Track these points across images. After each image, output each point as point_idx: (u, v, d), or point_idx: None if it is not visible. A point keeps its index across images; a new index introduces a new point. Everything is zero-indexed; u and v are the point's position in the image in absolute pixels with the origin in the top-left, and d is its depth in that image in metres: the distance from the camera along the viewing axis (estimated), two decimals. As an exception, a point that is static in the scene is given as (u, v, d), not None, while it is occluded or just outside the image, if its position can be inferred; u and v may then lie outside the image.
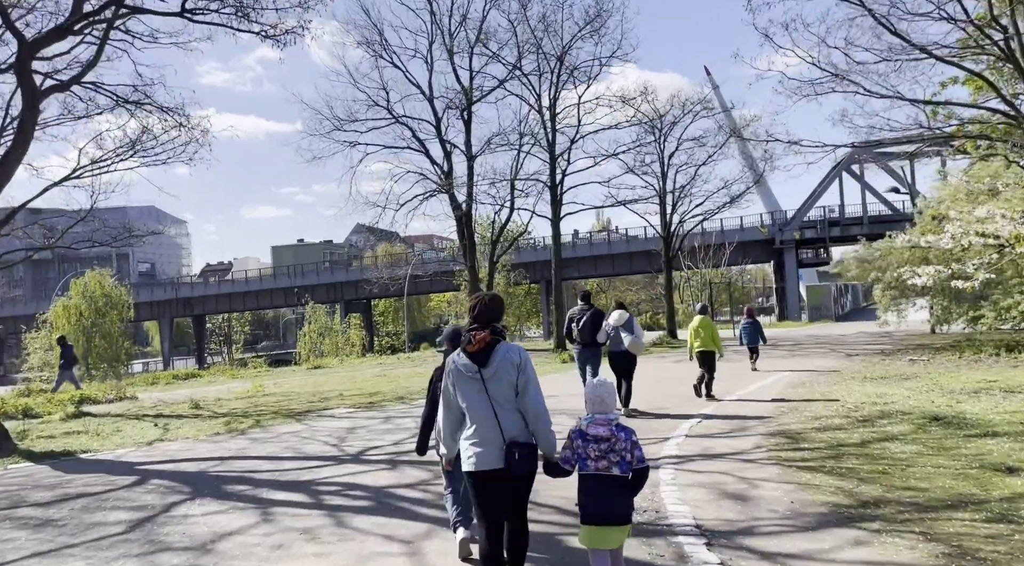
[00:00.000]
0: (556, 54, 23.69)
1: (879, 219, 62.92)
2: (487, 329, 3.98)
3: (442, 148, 28.07)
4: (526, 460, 3.82)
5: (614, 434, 3.82)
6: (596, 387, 4.01)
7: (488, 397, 3.88)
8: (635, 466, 3.82)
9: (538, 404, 3.90)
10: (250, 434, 11.07)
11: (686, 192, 27.14)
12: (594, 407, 3.93)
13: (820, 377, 13.94)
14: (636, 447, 3.85)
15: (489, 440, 3.86)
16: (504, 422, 3.85)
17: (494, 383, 3.87)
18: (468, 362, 3.94)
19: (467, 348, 3.96)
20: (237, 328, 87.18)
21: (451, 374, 4.03)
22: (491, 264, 29.65)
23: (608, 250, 65.41)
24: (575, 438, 3.88)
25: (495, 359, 3.90)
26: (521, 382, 3.90)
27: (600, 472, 3.81)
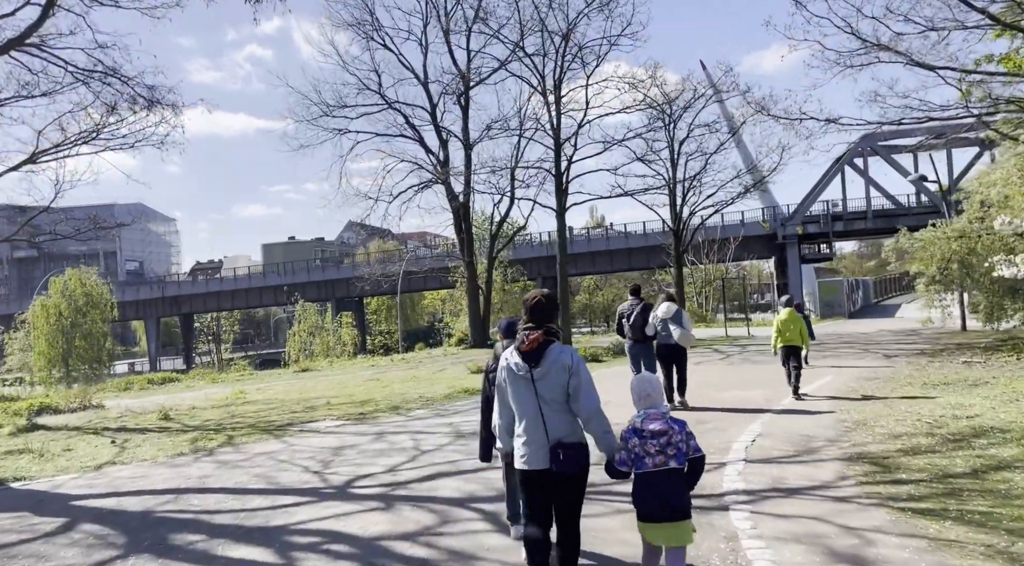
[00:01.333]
0: (561, 32, 22.05)
1: (883, 213, 61.60)
2: (541, 329, 3.95)
3: (438, 135, 26.43)
4: (572, 461, 3.80)
5: (670, 427, 3.84)
6: (640, 382, 4.04)
7: (536, 397, 3.88)
8: (691, 455, 3.84)
9: (593, 407, 3.87)
10: (219, 455, 9.41)
11: (697, 182, 25.53)
12: (643, 402, 3.96)
13: (869, 383, 12.35)
14: (691, 437, 3.88)
15: (536, 440, 3.86)
16: (550, 422, 3.84)
17: (544, 383, 3.87)
18: (520, 361, 3.94)
19: (520, 347, 3.94)
20: (226, 327, 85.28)
21: (504, 371, 4.05)
22: (490, 259, 27.99)
23: (607, 246, 63.87)
24: (629, 437, 3.86)
25: (547, 360, 3.88)
26: (573, 385, 3.86)
27: (658, 468, 3.80)
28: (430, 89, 26.17)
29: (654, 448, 3.80)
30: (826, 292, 36.12)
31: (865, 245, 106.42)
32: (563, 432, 3.84)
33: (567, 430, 3.85)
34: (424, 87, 26.17)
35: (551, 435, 3.82)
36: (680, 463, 3.81)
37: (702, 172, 25.18)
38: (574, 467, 3.82)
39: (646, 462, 3.81)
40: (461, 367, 20.36)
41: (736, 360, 17.14)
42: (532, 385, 3.89)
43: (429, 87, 26.14)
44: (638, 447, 3.83)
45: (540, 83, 22.71)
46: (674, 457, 3.79)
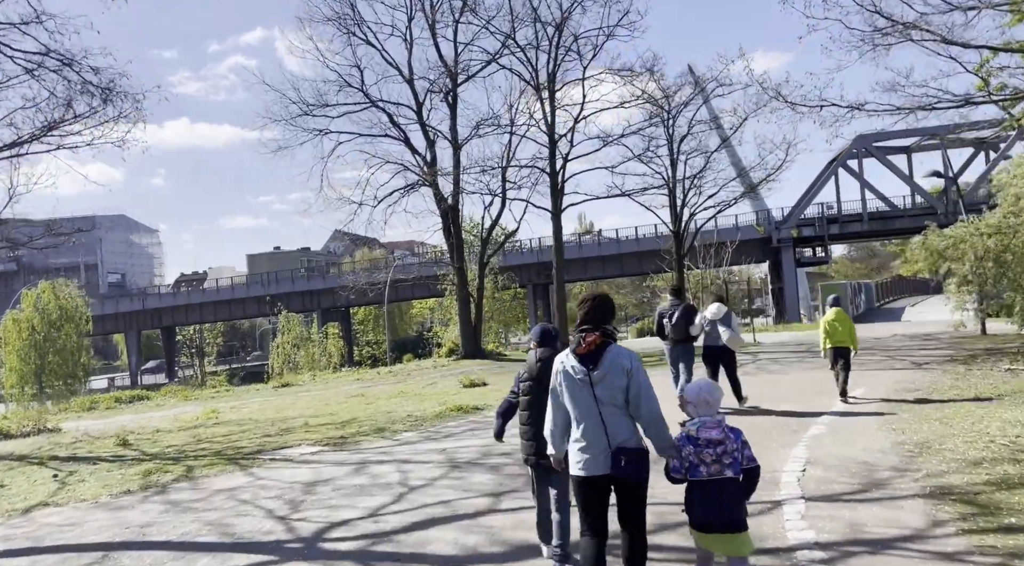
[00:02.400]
0: (555, 22, 20.83)
1: (878, 215, 60.98)
2: (598, 331, 3.86)
3: (424, 135, 25.09)
4: (634, 467, 3.71)
5: (726, 435, 3.74)
6: (701, 389, 3.94)
7: (595, 401, 3.79)
8: (746, 465, 3.75)
9: (653, 412, 3.78)
10: (172, 492, 8.02)
11: (697, 181, 24.34)
12: (701, 409, 3.87)
13: (911, 396, 11.08)
14: (746, 446, 3.78)
15: (595, 445, 3.77)
16: (611, 427, 3.76)
17: (603, 387, 3.78)
18: (577, 364, 3.85)
19: (577, 350, 3.85)
20: (209, 340, 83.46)
21: (559, 374, 3.94)
22: (481, 265, 26.62)
23: (598, 252, 62.84)
24: (684, 445, 3.77)
25: (605, 362, 3.80)
26: (633, 388, 3.77)
27: (713, 477, 3.71)
28: (415, 86, 24.88)
29: (709, 457, 3.72)
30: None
31: (855, 248, 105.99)
32: (624, 437, 3.75)
33: (628, 435, 3.77)
34: (409, 84, 24.87)
35: (612, 440, 3.73)
36: (736, 472, 3.73)
37: (703, 170, 24.01)
38: (636, 473, 3.73)
39: (700, 471, 3.74)
40: (452, 380, 19.00)
41: (751, 369, 15.88)
42: (590, 388, 3.79)
43: (414, 84, 24.83)
44: (692, 455, 3.75)
45: (533, 77, 21.46)
46: (730, 467, 3.71)
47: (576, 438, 3.85)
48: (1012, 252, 13.61)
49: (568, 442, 3.94)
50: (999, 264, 13.82)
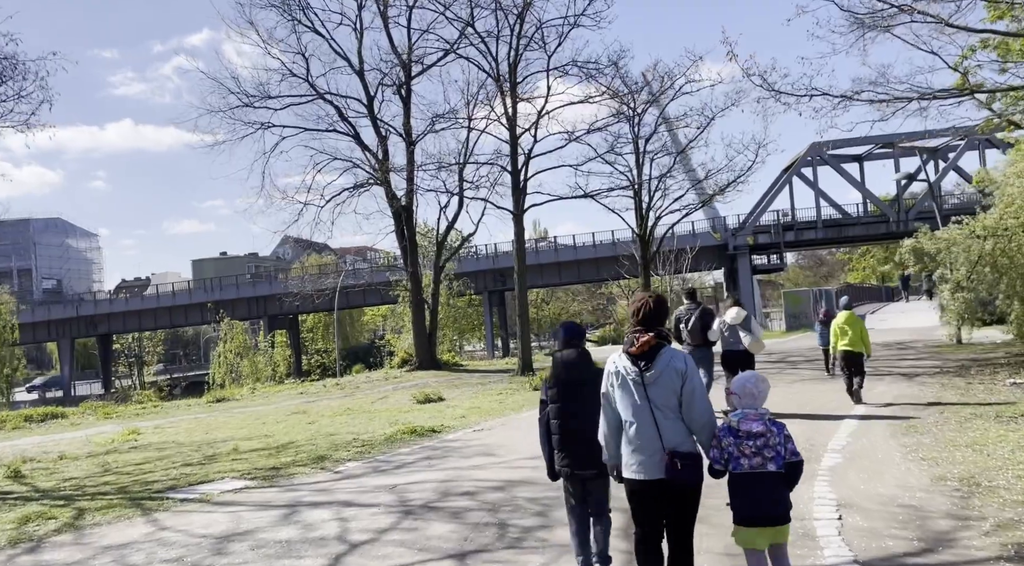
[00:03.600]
0: (516, 10, 19.52)
1: (832, 223, 61.35)
2: (652, 332, 3.76)
3: (376, 131, 23.45)
4: (689, 471, 3.61)
5: (768, 428, 3.68)
6: (747, 380, 3.85)
7: (649, 403, 3.70)
8: (789, 459, 3.69)
9: (707, 416, 3.73)
10: (46, 550, 6.34)
11: (663, 183, 23.24)
12: (746, 401, 3.78)
13: (917, 412, 9.97)
14: (789, 440, 3.73)
15: (649, 448, 3.69)
16: (665, 430, 3.67)
17: (656, 388, 3.70)
18: (630, 365, 3.78)
19: (629, 350, 3.77)
20: (149, 348, 79.91)
21: (611, 376, 3.86)
22: (436, 270, 25.04)
23: (555, 258, 61.75)
24: (724, 436, 3.71)
25: (659, 363, 3.71)
26: (687, 391, 3.67)
27: (755, 470, 3.63)
28: (366, 78, 23.24)
29: (750, 449, 3.65)
30: (792, 303, 34.40)
31: (804, 256, 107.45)
32: (678, 440, 3.67)
33: (682, 438, 3.69)
34: (359, 76, 23.21)
35: (666, 443, 3.65)
36: (778, 466, 3.65)
37: (670, 171, 22.89)
38: (691, 478, 3.62)
39: (741, 463, 3.66)
40: (405, 395, 17.42)
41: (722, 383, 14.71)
42: (643, 390, 3.72)
43: (365, 76, 23.19)
44: (732, 447, 3.68)
45: (493, 68, 20.04)
46: (772, 460, 3.64)
47: (628, 441, 3.77)
48: (1008, 256, 12.77)
49: (622, 446, 3.84)
50: (996, 269, 12.95)
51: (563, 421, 4.42)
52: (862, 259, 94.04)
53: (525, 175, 20.12)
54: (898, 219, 59.32)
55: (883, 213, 59.95)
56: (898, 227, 59.01)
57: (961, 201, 62.74)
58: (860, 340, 10.70)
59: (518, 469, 8.02)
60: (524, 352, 20.25)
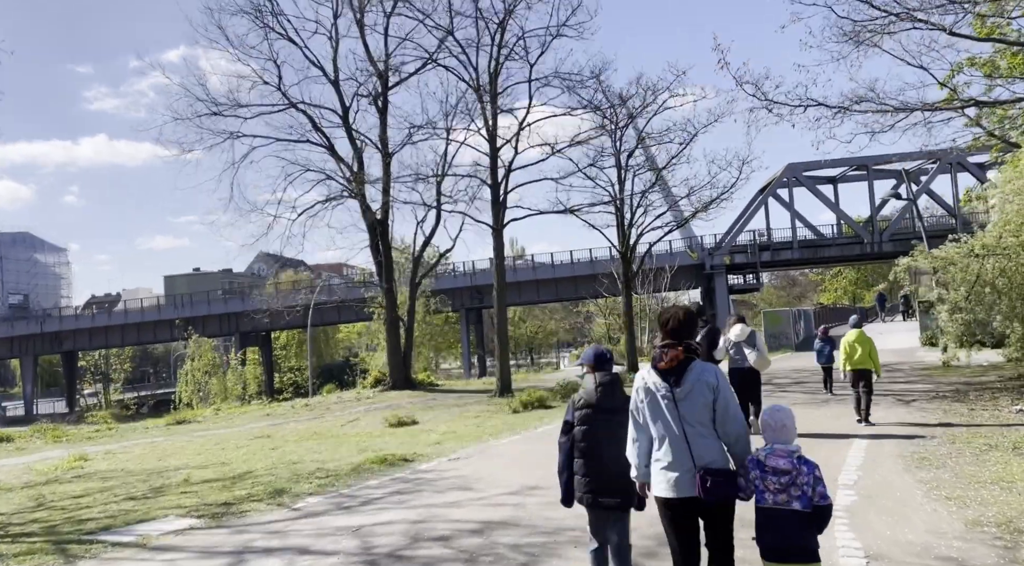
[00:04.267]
0: (497, 19, 18.86)
1: (807, 243, 61.51)
2: (681, 346, 3.69)
3: (351, 142, 22.65)
4: (721, 488, 3.51)
5: (795, 467, 3.52)
6: (775, 412, 3.71)
7: (680, 418, 3.63)
8: (816, 502, 3.50)
9: (740, 429, 3.65)
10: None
11: (645, 199, 22.67)
12: (773, 435, 3.63)
13: (925, 442, 9.31)
14: (819, 482, 3.54)
15: (680, 465, 3.59)
16: (696, 446, 3.58)
17: (687, 404, 3.62)
18: (659, 380, 3.70)
19: (658, 365, 3.71)
20: (116, 365, 77.77)
21: (640, 392, 3.79)
22: (412, 286, 24.16)
23: (533, 276, 61.17)
24: (751, 468, 3.60)
25: (689, 378, 3.64)
26: (720, 405, 3.61)
27: (779, 506, 3.51)
28: (341, 88, 22.48)
29: (774, 485, 3.52)
30: (772, 323, 33.91)
31: (776, 277, 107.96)
32: (710, 457, 3.57)
33: (714, 455, 3.59)
34: (334, 86, 22.44)
35: (697, 460, 3.56)
36: (804, 506, 3.48)
37: (652, 186, 22.31)
38: (723, 495, 3.53)
39: (765, 497, 3.55)
40: (377, 417, 16.49)
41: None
42: (674, 405, 3.63)
43: (340, 86, 22.44)
44: (758, 480, 3.56)
45: (473, 78, 19.35)
46: (798, 499, 3.49)
47: (658, 458, 3.71)
48: (1007, 275, 12.26)
49: (651, 464, 3.76)
50: (995, 289, 12.42)
51: (592, 446, 4.25)
52: (834, 280, 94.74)
53: (505, 188, 19.41)
54: (872, 241, 59.66)
55: (857, 234, 60.23)
56: (872, 249, 59.39)
57: (930, 224, 63.41)
58: (869, 358, 10.64)
59: (498, 507, 7.19)
60: (503, 372, 19.40)
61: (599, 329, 63.55)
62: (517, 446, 11.10)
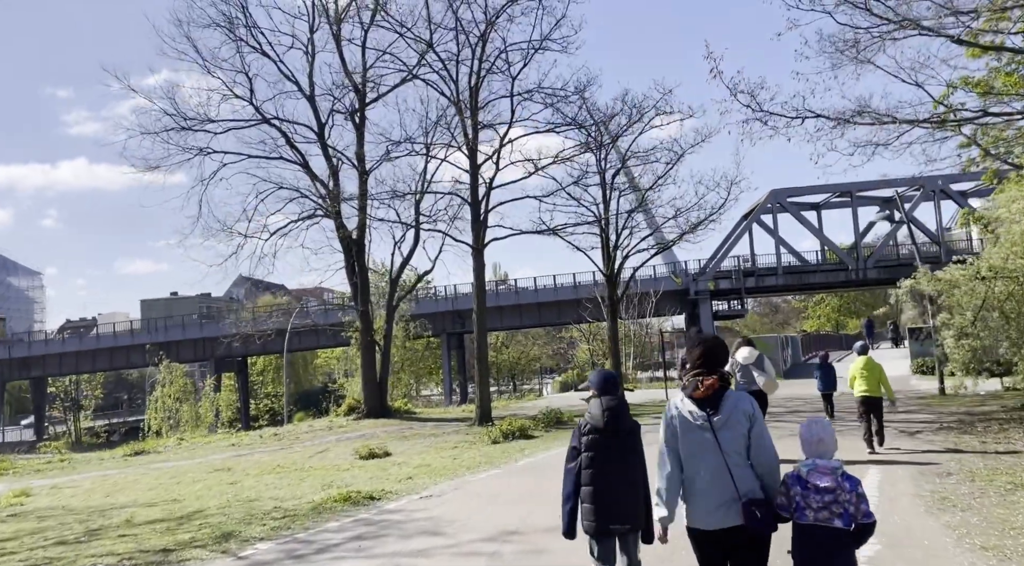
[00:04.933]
0: (478, 31, 18.24)
1: (792, 269, 61.31)
2: (715, 374, 3.66)
3: (326, 159, 21.85)
4: (768, 518, 3.46)
5: (839, 484, 3.40)
6: (813, 426, 3.59)
7: (719, 448, 3.54)
8: (860, 520, 3.41)
9: (775, 460, 3.59)
10: None
11: (631, 220, 22.00)
12: (813, 449, 3.52)
13: (942, 479, 8.54)
14: (863, 500, 3.42)
15: (722, 495, 3.50)
16: (737, 476, 3.50)
17: (726, 433, 3.55)
18: (696, 409, 3.64)
19: (694, 394, 3.66)
20: (87, 392, 75.63)
21: (674, 420, 3.71)
22: (389, 309, 23.21)
23: (516, 300, 60.38)
24: (792, 485, 3.50)
25: (726, 407, 3.60)
26: (755, 434, 3.57)
27: (819, 523, 3.40)
28: (317, 104, 21.72)
29: (816, 503, 3.40)
30: (760, 349, 33.26)
31: (759, 304, 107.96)
32: (750, 486, 3.50)
33: (753, 484, 3.52)
34: (310, 101, 21.70)
35: (740, 490, 3.47)
36: (846, 524, 3.38)
37: (638, 207, 21.67)
38: (768, 525, 3.48)
39: (807, 514, 3.43)
40: (348, 448, 15.48)
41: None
42: (713, 434, 3.56)
43: (316, 101, 21.69)
44: (799, 497, 3.45)
45: (453, 92, 18.63)
46: (840, 517, 3.38)
47: (698, 489, 3.58)
48: (1015, 299, 11.63)
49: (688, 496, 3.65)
50: (1003, 314, 11.78)
51: (600, 472, 4.14)
52: (817, 307, 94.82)
53: (486, 207, 18.63)
54: (856, 267, 59.60)
55: (842, 261, 60.17)
56: (857, 275, 59.30)
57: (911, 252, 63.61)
58: (879, 385, 10.39)
59: (471, 557, 6.30)
60: (482, 399, 18.44)
61: (583, 355, 62.72)
62: (495, 482, 10.19)
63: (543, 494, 8.82)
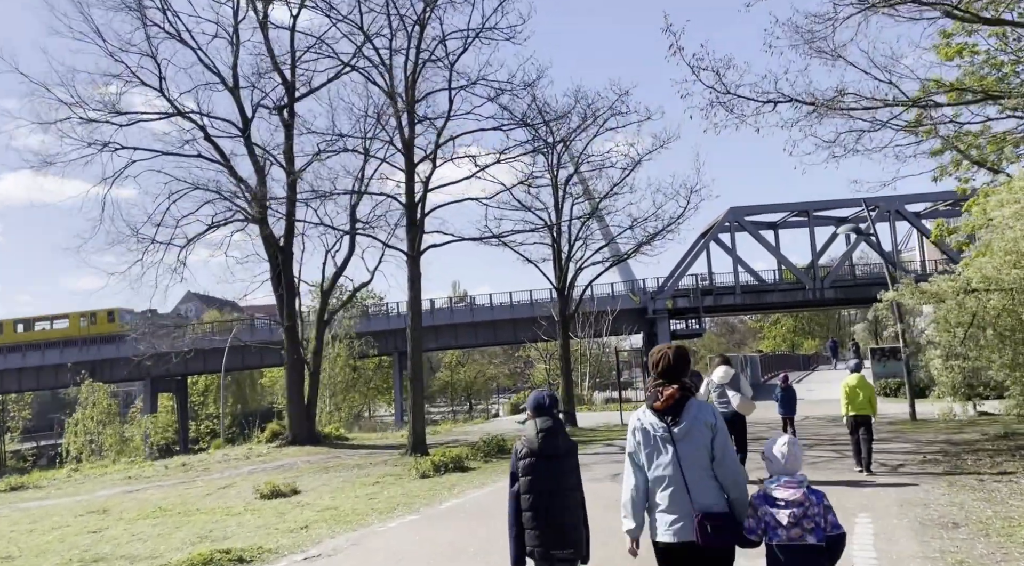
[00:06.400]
0: (415, 14, 16.48)
1: (750, 289, 60.79)
2: (675, 384, 3.58)
3: (251, 158, 19.78)
4: (722, 534, 3.36)
5: (807, 497, 3.39)
6: (780, 444, 3.58)
7: (678, 460, 3.48)
8: (830, 532, 3.38)
9: (738, 470, 3.52)
10: None
11: (585, 230, 20.44)
12: (778, 466, 3.53)
13: (945, 528, 6.96)
14: (830, 511, 3.44)
15: (679, 508, 3.44)
16: (694, 489, 3.42)
17: (686, 444, 3.48)
18: (656, 420, 3.58)
19: (654, 405, 3.60)
20: (14, 413, 71.20)
21: (637, 432, 3.65)
22: (320, 324, 21.11)
23: (471, 318, 58.59)
24: (759, 504, 3.46)
25: (686, 417, 3.51)
26: (718, 445, 3.47)
27: (793, 542, 3.35)
28: (242, 97, 19.70)
29: (787, 519, 3.35)
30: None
31: (715, 323, 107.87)
32: (709, 500, 3.41)
33: (713, 498, 3.43)
34: (233, 94, 19.69)
35: (696, 503, 3.40)
36: (818, 539, 3.34)
37: (589, 217, 20.12)
38: (724, 541, 3.38)
39: (778, 533, 3.38)
40: (257, 483, 13.38)
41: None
42: (672, 445, 3.50)
43: (240, 95, 19.67)
44: (769, 515, 3.40)
45: (388, 83, 16.76)
46: (812, 532, 3.35)
47: (657, 502, 3.53)
48: (1012, 314, 10.26)
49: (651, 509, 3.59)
50: (997, 332, 10.40)
51: (538, 496, 4.01)
52: (773, 327, 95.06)
53: (422, 210, 16.79)
54: (814, 287, 59.31)
55: (799, 281, 59.83)
56: (814, 295, 58.97)
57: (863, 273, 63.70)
58: (868, 404, 10.35)
59: None
60: (416, 425, 16.35)
61: (539, 375, 61.01)
62: (408, 533, 8.30)
63: (462, 551, 7.01)
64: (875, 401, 10.59)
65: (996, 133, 15.18)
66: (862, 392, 10.37)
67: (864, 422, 10.38)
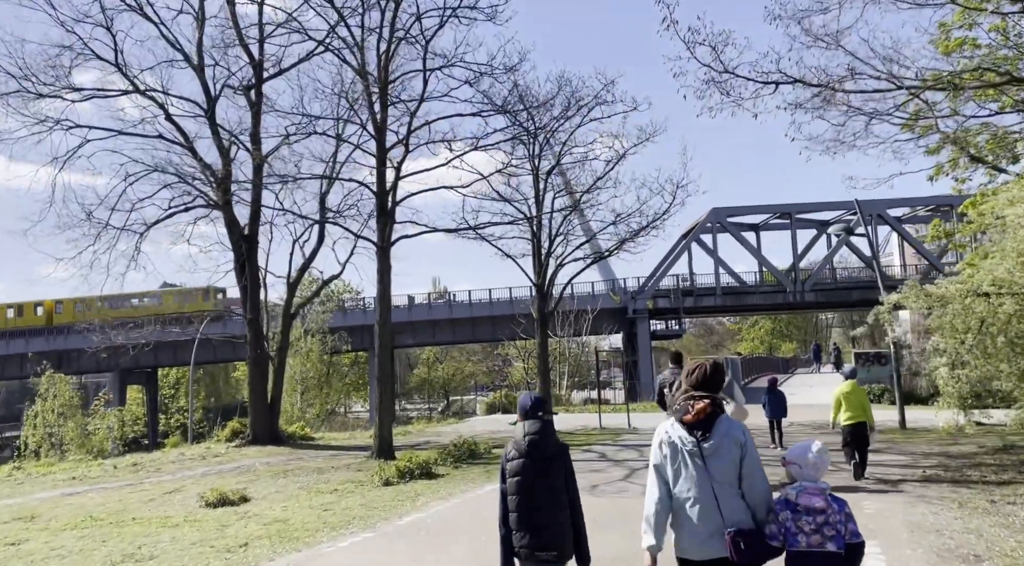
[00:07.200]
0: (389, -7, 15.50)
1: (730, 290, 60.43)
2: (707, 399, 3.54)
3: (216, 141, 18.69)
4: (756, 551, 3.32)
5: (829, 505, 3.40)
6: (806, 450, 3.56)
7: (708, 475, 3.41)
8: (849, 540, 3.37)
9: (767, 491, 3.47)
10: None
11: (566, 226, 19.59)
12: (805, 472, 3.50)
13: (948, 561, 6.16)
14: (850, 519, 3.43)
15: (708, 525, 3.39)
16: (725, 505, 3.38)
17: (715, 460, 3.43)
18: (685, 434, 3.51)
19: (684, 418, 3.53)
20: (-26, 404, 69.23)
21: (664, 445, 3.58)
22: (285, 318, 20.08)
23: (449, 314, 57.63)
24: (781, 510, 3.43)
25: (717, 433, 3.47)
26: (747, 463, 3.43)
27: (812, 549, 3.36)
28: (206, 77, 18.61)
29: (808, 526, 3.35)
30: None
31: (693, 325, 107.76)
32: (740, 517, 3.38)
33: (742, 515, 3.40)
34: (198, 73, 18.59)
35: (727, 520, 3.36)
36: (838, 546, 3.34)
37: (571, 212, 19.27)
38: (757, 555, 3.34)
39: (799, 540, 3.36)
40: (207, 486, 12.37)
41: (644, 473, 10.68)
42: (702, 461, 3.44)
43: (205, 73, 18.58)
44: (790, 522, 3.39)
45: (360, 61, 15.74)
46: (832, 539, 3.34)
47: (687, 518, 3.45)
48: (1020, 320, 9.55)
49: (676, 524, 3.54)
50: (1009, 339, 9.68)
51: (525, 498, 4.06)
52: (752, 330, 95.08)
53: (393, 198, 15.82)
54: (794, 289, 59.03)
55: (780, 283, 59.56)
56: (794, 297, 58.69)
57: (844, 277, 63.62)
58: (863, 410, 10.10)
59: None
60: (382, 428, 15.35)
61: (518, 374, 60.22)
62: (359, 556, 7.37)
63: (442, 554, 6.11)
64: (870, 409, 10.35)
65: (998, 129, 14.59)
66: (855, 399, 10.16)
67: (859, 430, 10.13)
